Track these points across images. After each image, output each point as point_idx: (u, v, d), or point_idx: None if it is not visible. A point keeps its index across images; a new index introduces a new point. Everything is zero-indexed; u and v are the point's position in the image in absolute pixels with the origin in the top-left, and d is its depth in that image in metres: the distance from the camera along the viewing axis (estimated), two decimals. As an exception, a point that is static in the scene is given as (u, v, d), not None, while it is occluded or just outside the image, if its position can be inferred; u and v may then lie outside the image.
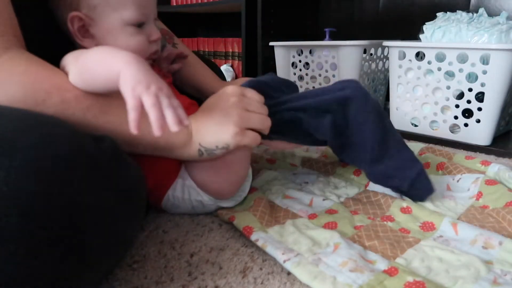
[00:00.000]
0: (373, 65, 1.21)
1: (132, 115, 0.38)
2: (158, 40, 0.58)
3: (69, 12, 0.52)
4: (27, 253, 0.29)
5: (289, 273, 0.45)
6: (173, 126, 0.38)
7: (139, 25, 0.55)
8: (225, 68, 1.69)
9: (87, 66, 0.45)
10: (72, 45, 0.56)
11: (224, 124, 0.51)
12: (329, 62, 1.20)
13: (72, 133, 0.37)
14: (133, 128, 0.37)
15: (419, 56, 0.97)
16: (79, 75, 0.45)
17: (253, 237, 0.50)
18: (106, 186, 0.36)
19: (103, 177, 0.36)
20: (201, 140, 0.51)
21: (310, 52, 1.25)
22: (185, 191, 0.57)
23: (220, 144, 0.51)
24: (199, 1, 1.70)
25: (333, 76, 1.20)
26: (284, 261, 0.44)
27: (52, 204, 0.30)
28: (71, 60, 0.47)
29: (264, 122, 0.54)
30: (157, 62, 0.68)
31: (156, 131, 0.38)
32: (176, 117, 0.39)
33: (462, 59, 0.89)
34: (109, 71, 0.42)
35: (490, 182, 0.62)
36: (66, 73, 0.46)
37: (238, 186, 0.59)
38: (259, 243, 0.49)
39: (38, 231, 0.29)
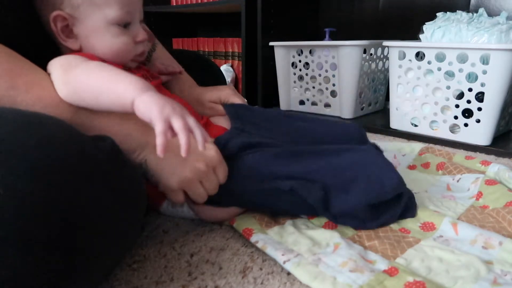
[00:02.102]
0: (373, 65, 1.21)
1: (161, 139, 0.38)
2: (145, 41, 0.57)
3: (51, 11, 0.51)
4: (24, 255, 0.29)
5: (289, 273, 0.45)
6: (201, 146, 0.40)
7: (125, 25, 0.54)
8: (225, 68, 1.69)
9: (87, 87, 0.44)
10: (54, 45, 0.55)
11: (174, 173, 0.49)
12: (329, 62, 1.20)
13: (72, 134, 0.37)
14: (160, 152, 0.38)
15: (419, 56, 0.97)
16: (74, 93, 0.45)
17: (252, 239, 0.50)
18: (105, 187, 0.36)
19: (102, 178, 0.36)
20: (150, 160, 0.49)
21: (310, 52, 1.25)
22: (185, 204, 0.56)
23: (159, 178, 0.50)
24: (199, 1, 1.70)
25: (333, 76, 1.20)
26: (284, 262, 0.44)
27: (50, 206, 0.30)
28: (58, 73, 0.46)
29: (201, 198, 0.51)
30: (148, 65, 0.67)
31: (184, 152, 0.38)
32: (202, 137, 0.40)
33: (462, 59, 0.89)
34: (120, 98, 0.42)
35: (490, 182, 0.62)
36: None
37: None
38: (259, 245, 0.49)
39: (35, 233, 0.29)
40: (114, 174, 0.38)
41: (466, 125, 0.92)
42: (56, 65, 0.48)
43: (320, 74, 1.24)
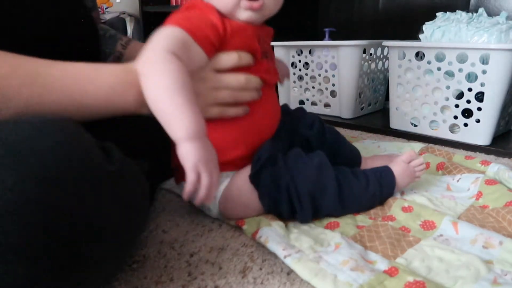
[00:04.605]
0: (373, 65, 1.21)
1: (189, 188, 0.42)
2: None
3: None
4: (27, 261, 0.29)
5: (288, 273, 0.45)
6: (198, 201, 0.43)
7: None
8: (224, 68, 1.69)
9: (155, 102, 0.44)
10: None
11: None
12: (329, 62, 1.20)
13: (84, 143, 0.36)
14: (186, 197, 0.43)
15: (419, 56, 0.97)
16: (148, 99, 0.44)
17: (257, 235, 0.50)
18: (110, 198, 0.36)
19: (108, 189, 0.36)
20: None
21: (310, 52, 1.25)
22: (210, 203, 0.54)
23: None
24: (199, 1, 1.70)
25: (333, 76, 1.20)
26: (285, 257, 0.44)
27: (54, 214, 0.30)
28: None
29: (236, 96, 0.52)
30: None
31: (186, 197, 0.43)
32: (206, 196, 0.43)
33: (462, 59, 0.89)
34: (171, 129, 0.43)
35: (490, 182, 0.62)
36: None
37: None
38: (262, 239, 0.49)
39: (38, 241, 0.29)
40: (119, 186, 0.38)
41: (466, 125, 0.92)
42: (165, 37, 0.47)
43: (319, 74, 1.24)
